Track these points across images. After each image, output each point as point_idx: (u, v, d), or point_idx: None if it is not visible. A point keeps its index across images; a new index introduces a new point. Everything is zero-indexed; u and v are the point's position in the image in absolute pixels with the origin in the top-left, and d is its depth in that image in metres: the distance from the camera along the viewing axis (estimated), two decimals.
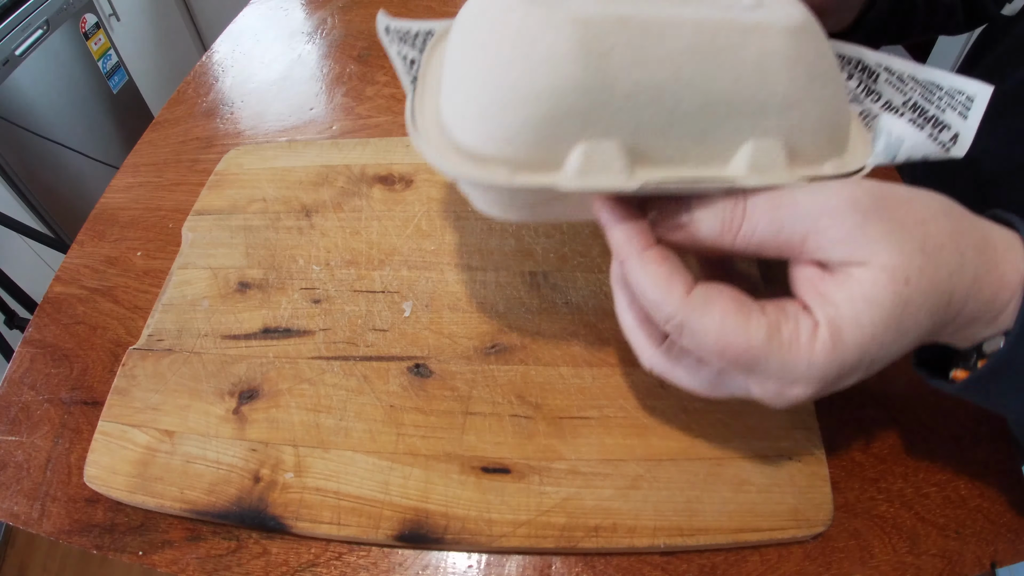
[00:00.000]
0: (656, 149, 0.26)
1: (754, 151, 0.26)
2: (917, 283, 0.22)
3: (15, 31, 1.21)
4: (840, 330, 0.22)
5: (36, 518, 0.32)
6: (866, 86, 0.33)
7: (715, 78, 0.25)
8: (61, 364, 0.38)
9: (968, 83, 0.30)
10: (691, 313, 0.23)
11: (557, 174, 0.25)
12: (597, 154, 0.25)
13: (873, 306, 0.22)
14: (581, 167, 0.25)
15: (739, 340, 0.22)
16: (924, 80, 0.31)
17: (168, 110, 0.57)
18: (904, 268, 0.22)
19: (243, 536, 0.30)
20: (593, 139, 0.25)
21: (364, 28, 0.66)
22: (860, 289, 0.22)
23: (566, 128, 0.25)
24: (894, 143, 0.26)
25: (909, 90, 0.31)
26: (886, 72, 0.32)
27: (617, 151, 0.25)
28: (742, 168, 0.26)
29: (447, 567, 0.29)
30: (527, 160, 0.26)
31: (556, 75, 0.25)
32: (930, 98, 0.31)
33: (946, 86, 0.30)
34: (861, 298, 0.22)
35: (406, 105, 0.29)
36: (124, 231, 0.46)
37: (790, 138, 0.27)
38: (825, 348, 0.22)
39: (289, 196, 0.44)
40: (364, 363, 0.35)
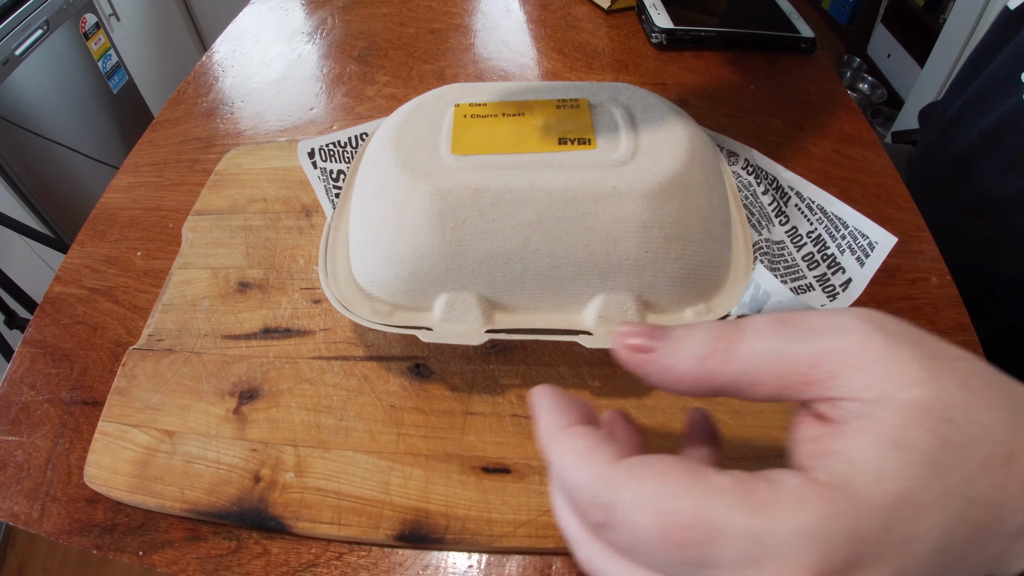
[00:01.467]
0: (511, 300, 0.29)
1: (604, 304, 0.29)
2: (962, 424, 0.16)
3: (15, 31, 1.21)
4: (853, 488, 0.15)
5: (36, 518, 0.32)
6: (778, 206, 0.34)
7: (563, 245, 0.28)
8: (61, 364, 0.38)
9: (873, 229, 0.30)
10: (617, 484, 0.17)
11: (428, 316, 0.30)
12: (457, 303, 0.29)
13: (904, 451, 0.16)
14: (444, 313, 0.29)
15: (686, 507, 0.16)
16: (831, 214, 0.32)
17: (168, 110, 0.57)
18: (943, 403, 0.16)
19: (243, 536, 0.30)
20: (453, 291, 0.29)
21: (364, 28, 0.66)
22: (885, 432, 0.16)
23: (429, 282, 0.29)
24: (761, 296, 0.26)
25: (816, 221, 0.32)
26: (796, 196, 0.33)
27: (475, 301, 0.29)
28: (591, 319, 0.28)
29: (447, 567, 0.29)
30: (404, 304, 0.31)
31: (418, 242, 0.29)
32: (833, 234, 0.31)
33: (851, 225, 0.31)
34: (888, 443, 0.16)
35: (321, 239, 0.34)
36: (124, 231, 0.46)
37: (644, 292, 0.29)
38: (824, 507, 0.15)
39: (289, 196, 0.44)
40: (364, 363, 0.35)
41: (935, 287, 0.40)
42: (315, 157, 0.36)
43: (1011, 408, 0.16)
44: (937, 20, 1.69)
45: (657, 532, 0.16)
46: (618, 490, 0.17)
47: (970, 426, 0.16)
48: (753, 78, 0.57)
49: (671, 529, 0.16)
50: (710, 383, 0.19)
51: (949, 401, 0.16)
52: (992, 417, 0.16)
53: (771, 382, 0.18)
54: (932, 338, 0.18)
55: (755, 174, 0.34)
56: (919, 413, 0.16)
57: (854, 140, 0.51)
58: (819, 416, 0.17)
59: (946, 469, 0.16)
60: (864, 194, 0.46)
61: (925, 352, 0.17)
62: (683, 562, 0.16)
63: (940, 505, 0.15)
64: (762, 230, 0.32)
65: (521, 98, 0.32)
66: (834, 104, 0.55)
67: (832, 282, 0.30)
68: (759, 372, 0.18)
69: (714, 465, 0.18)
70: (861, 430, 0.16)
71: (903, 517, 0.15)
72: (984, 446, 0.16)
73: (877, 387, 0.16)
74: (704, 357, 0.18)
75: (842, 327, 0.17)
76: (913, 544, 0.15)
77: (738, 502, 0.15)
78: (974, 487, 0.16)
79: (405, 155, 0.30)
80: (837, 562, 0.15)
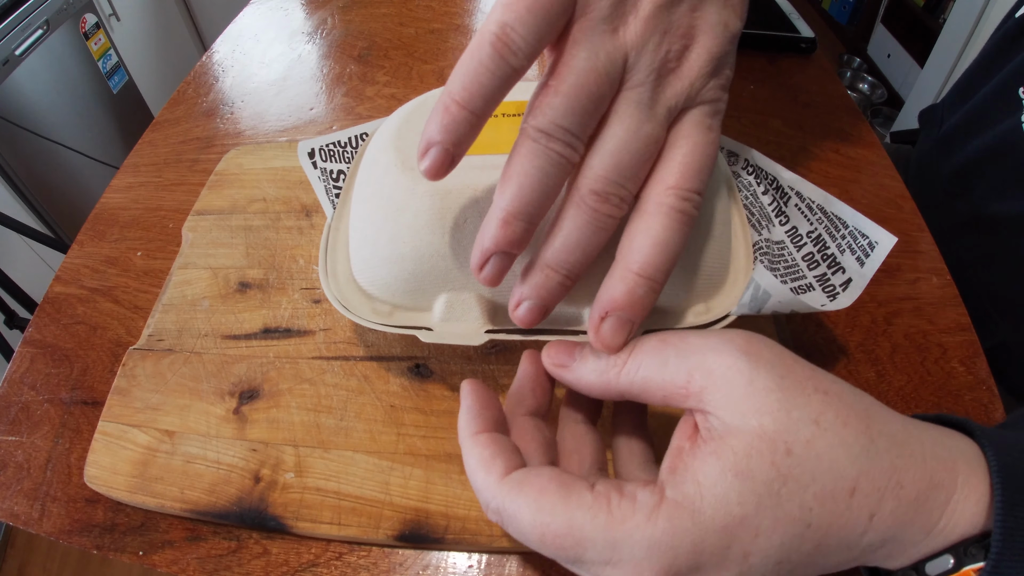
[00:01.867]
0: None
1: None
2: (802, 457, 0.18)
3: (15, 31, 1.21)
4: (696, 509, 0.18)
5: (36, 518, 0.32)
6: (778, 206, 0.33)
7: None
8: (61, 364, 0.38)
9: (873, 229, 0.30)
10: (505, 496, 0.20)
11: (428, 316, 0.29)
12: (457, 303, 0.29)
13: (744, 480, 0.18)
14: (444, 313, 0.29)
15: (557, 520, 0.19)
16: (831, 214, 0.32)
17: (168, 110, 0.57)
18: (787, 437, 0.18)
19: (243, 536, 0.30)
20: (454, 291, 0.29)
21: (364, 28, 0.66)
22: (730, 461, 0.18)
23: (429, 283, 0.29)
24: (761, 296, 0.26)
25: (816, 221, 0.32)
26: (796, 197, 0.33)
27: (475, 301, 0.29)
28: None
29: (448, 567, 0.29)
30: (404, 304, 0.30)
31: (418, 241, 0.28)
32: (833, 234, 0.31)
33: (851, 225, 0.31)
34: (732, 470, 0.18)
35: (321, 239, 0.33)
36: (124, 231, 0.46)
37: None
38: (668, 525, 0.18)
39: (289, 196, 0.44)
40: (364, 363, 0.35)
41: (936, 287, 0.40)
42: (315, 157, 0.36)
43: (863, 444, 0.18)
44: (937, 20, 1.69)
45: (536, 537, 0.19)
46: (505, 501, 0.20)
47: (811, 459, 0.18)
48: (753, 78, 0.57)
49: (547, 536, 0.19)
50: (613, 390, 0.22)
51: (794, 435, 0.18)
52: (837, 453, 0.18)
53: (657, 391, 0.21)
54: (806, 372, 0.20)
55: (755, 174, 0.34)
56: (763, 445, 0.18)
57: (854, 140, 0.51)
58: (695, 425, 0.20)
59: (782, 498, 0.18)
60: (864, 194, 0.46)
61: (784, 383, 0.19)
62: (560, 559, 0.20)
63: (776, 528, 0.18)
64: (762, 230, 0.32)
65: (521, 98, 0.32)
66: (834, 104, 0.55)
67: (832, 282, 0.30)
68: (646, 383, 0.21)
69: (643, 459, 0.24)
70: (711, 454, 0.19)
71: (740, 537, 0.18)
72: (824, 479, 0.18)
73: (733, 410, 0.19)
74: (602, 372, 0.22)
75: (713, 348, 0.20)
76: (751, 558, 0.18)
77: (599, 517, 0.19)
78: (812, 515, 0.18)
79: (405, 155, 0.30)
80: (680, 568, 0.18)
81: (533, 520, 0.19)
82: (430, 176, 0.21)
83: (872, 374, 0.35)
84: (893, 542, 0.19)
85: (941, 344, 0.37)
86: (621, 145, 0.21)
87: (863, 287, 0.29)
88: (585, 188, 0.21)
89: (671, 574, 0.18)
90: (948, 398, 0.34)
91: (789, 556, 0.18)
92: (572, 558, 0.19)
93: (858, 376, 0.35)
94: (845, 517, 0.18)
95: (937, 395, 0.34)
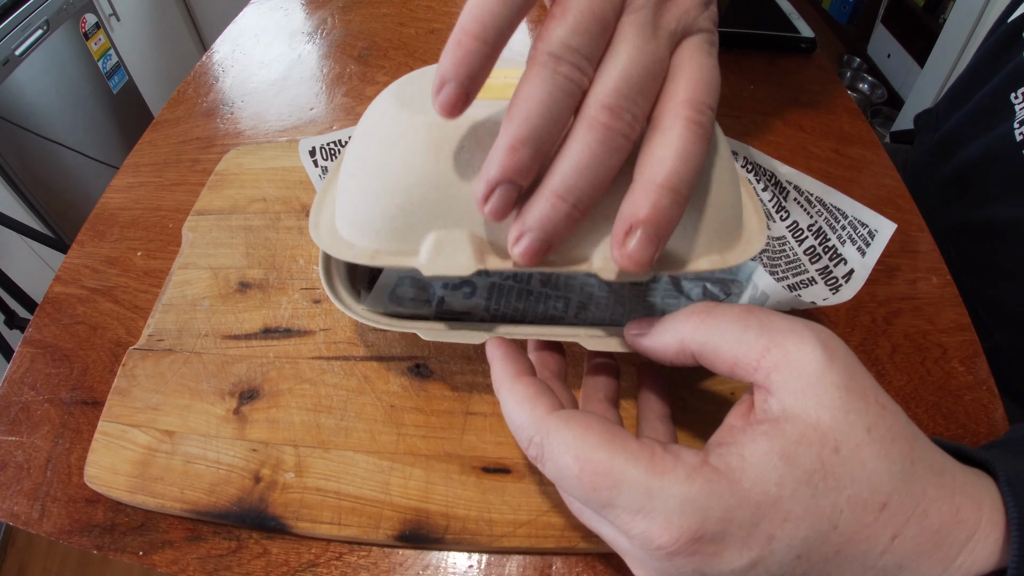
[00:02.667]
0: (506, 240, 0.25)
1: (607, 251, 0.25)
2: (848, 459, 0.18)
3: (15, 31, 1.21)
4: (735, 480, 0.18)
5: (36, 518, 0.32)
6: (778, 201, 0.33)
7: None
8: (61, 364, 0.38)
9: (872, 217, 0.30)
10: (550, 429, 0.20)
11: (414, 259, 0.27)
12: (447, 242, 0.26)
13: (788, 464, 0.18)
14: (432, 253, 0.26)
15: (600, 457, 0.19)
16: (830, 205, 0.32)
17: (168, 110, 0.57)
18: (839, 436, 0.19)
19: (243, 536, 0.30)
20: (444, 228, 0.26)
21: (364, 28, 0.66)
22: (782, 443, 0.19)
23: (418, 218, 0.26)
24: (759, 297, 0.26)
25: (815, 213, 0.32)
26: (795, 190, 0.33)
27: (467, 240, 0.26)
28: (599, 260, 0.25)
29: (448, 567, 0.29)
30: (387, 247, 0.27)
31: (410, 171, 0.26)
32: (833, 225, 0.31)
33: (851, 215, 0.31)
34: (779, 453, 0.18)
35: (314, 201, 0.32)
36: (124, 231, 0.46)
37: None
38: (706, 487, 0.18)
39: (289, 196, 0.44)
40: (364, 363, 0.35)
41: (936, 287, 0.40)
42: (316, 155, 0.36)
43: (903, 465, 0.19)
44: (937, 20, 1.69)
45: (574, 472, 0.19)
46: (549, 434, 0.20)
47: (855, 463, 0.18)
48: (753, 78, 0.57)
49: (585, 472, 0.19)
50: (687, 350, 0.22)
51: (846, 436, 0.18)
52: (879, 465, 0.18)
53: (728, 356, 0.21)
54: (870, 382, 0.20)
55: (754, 171, 0.34)
56: (815, 436, 0.18)
57: (854, 140, 0.51)
58: (751, 405, 0.21)
59: (818, 492, 0.18)
60: (864, 194, 0.46)
61: (851, 385, 0.19)
62: (591, 500, 0.20)
63: (805, 519, 0.18)
64: None
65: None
66: (834, 104, 0.55)
67: (835, 274, 0.30)
68: (720, 346, 0.21)
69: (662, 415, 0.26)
70: (763, 434, 0.19)
71: (770, 517, 0.18)
72: (861, 486, 0.18)
73: (796, 396, 0.19)
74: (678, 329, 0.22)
75: (796, 332, 0.20)
76: (775, 542, 0.18)
77: (641, 463, 0.19)
78: (840, 517, 0.18)
79: (405, 98, 0.28)
80: (707, 532, 0.18)
81: (576, 454, 0.19)
82: (445, 113, 0.21)
83: (872, 374, 0.35)
84: (907, 572, 0.19)
85: (941, 344, 0.37)
86: (630, 63, 0.20)
87: (865, 277, 0.29)
88: (596, 105, 0.20)
89: (696, 536, 0.18)
90: (948, 398, 0.34)
91: (809, 554, 0.18)
92: (604, 500, 0.19)
93: None
94: (870, 530, 0.18)
95: (937, 395, 0.34)
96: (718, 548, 0.18)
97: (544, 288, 0.31)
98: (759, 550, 0.18)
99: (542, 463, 0.21)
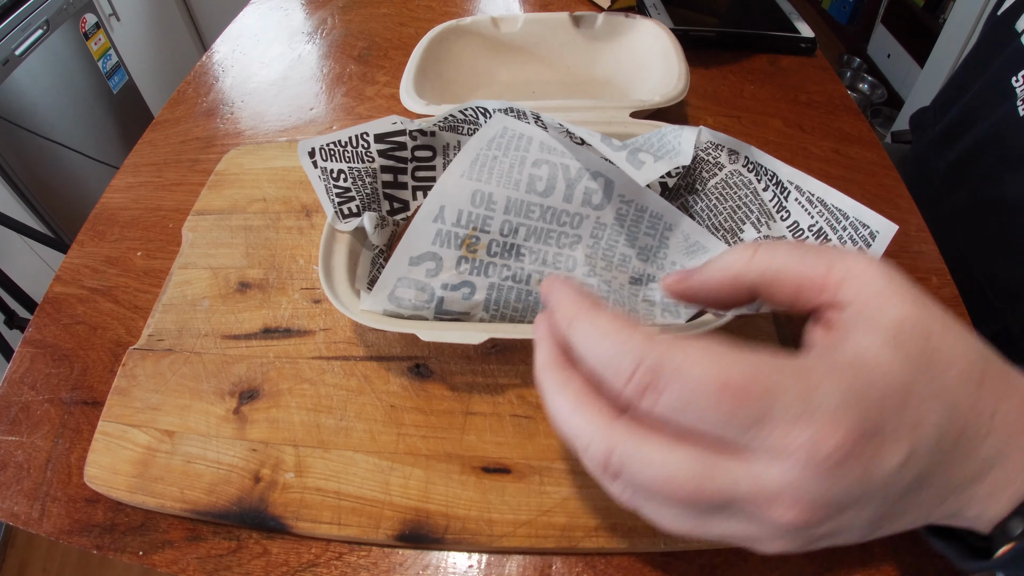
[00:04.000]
0: None
1: None
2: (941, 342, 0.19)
3: (15, 31, 1.21)
4: (871, 370, 0.18)
5: (36, 518, 0.32)
6: (779, 201, 0.33)
7: None
8: (61, 364, 0.38)
9: (873, 218, 0.30)
10: (665, 349, 0.18)
11: None
12: None
13: (901, 350, 0.18)
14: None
15: (740, 367, 0.17)
16: (831, 206, 0.32)
17: (168, 110, 0.57)
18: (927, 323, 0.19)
19: (243, 536, 0.30)
20: None
21: (364, 28, 0.66)
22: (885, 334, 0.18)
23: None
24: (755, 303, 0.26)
25: (816, 214, 0.32)
26: (796, 191, 0.33)
27: None
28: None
29: (448, 567, 0.29)
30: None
31: None
32: (835, 226, 0.31)
33: (852, 216, 0.31)
34: (888, 343, 0.18)
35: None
36: (124, 231, 0.46)
37: None
38: (857, 378, 0.17)
39: (289, 196, 0.44)
40: (364, 363, 0.35)
41: (935, 287, 0.40)
42: (315, 156, 0.36)
43: (980, 347, 0.20)
44: (937, 20, 1.69)
45: (716, 386, 0.17)
46: (666, 354, 0.17)
47: (947, 346, 0.19)
48: (753, 78, 0.57)
49: (729, 387, 0.17)
50: (743, 281, 0.22)
51: (930, 323, 0.19)
52: (965, 346, 0.19)
53: (790, 283, 0.21)
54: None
55: (755, 171, 0.34)
56: (907, 325, 0.19)
57: (854, 140, 0.51)
58: (826, 324, 0.20)
59: (934, 373, 0.18)
60: (864, 194, 0.46)
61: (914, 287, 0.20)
62: (738, 417, 0.17)
63: (934, 401, 0.18)
64: (761, 227, 0.32)
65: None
66: (834, 104, 0.55)
67: None
68: (780, 273, 0.21)
69: None
70: (866, 330, 0.19)
71: (910, 404, 0.18)
72: (960, 364, 0.19)
73: (874, 300, 0.19)
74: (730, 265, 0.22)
75: (850, 253, 0.20)
76: (919, 429, 0.18)
77: (787, 365, 0.17)
78: (955, 394, 0.18)
79: None
80: (869, 426, 0.17)
81: (710, 369, 0.17)
82: None
83: None
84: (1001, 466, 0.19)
85: None
86: None
87: None
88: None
89: (862, 431, 0.17)
90: None
91: (942, 440, 0.18)
92: (756, 414, 0.17)
93: None
94: (977, 406, 0.19)
95: None
96: (880, 443, 0.17)
97: None
98: (910, 440, 0.17)
99: (658, 392, 0.17)
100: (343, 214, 0.36)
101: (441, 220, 0.32)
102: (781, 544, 0.19)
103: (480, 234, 0.32)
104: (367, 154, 0.37)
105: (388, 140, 0.38)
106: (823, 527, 0.18)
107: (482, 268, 0.32)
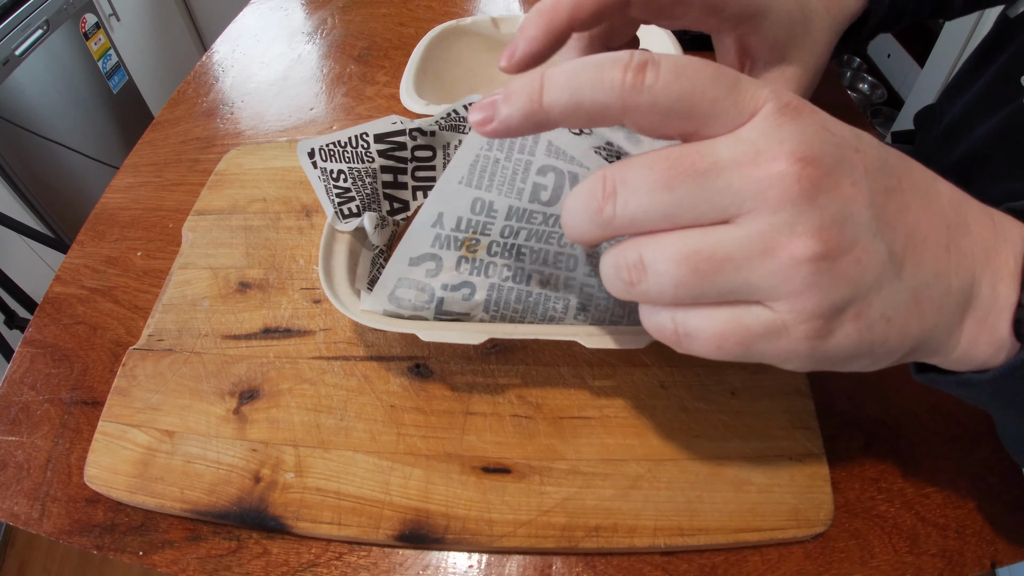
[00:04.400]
0: None
1: None
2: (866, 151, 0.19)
3: (15, 31, 1.21)
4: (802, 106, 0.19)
5: (36, 518, 0.32)
6: None
7: None
8: (61, 364, 0.38)
9: None
10: (651, 55, 0.18)
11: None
12: None
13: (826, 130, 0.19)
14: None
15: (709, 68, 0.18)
16: None
17: (168, 110, 0.57)
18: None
19: (243, 536, 0.30)
20: None
21: (364, 28, 0.66)
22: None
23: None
24: None
25: None
26: None
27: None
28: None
29: (448, 567, 0.29)
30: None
31: None
32: None
33: None
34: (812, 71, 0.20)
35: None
36: (124, 231, 0.46)
37: None
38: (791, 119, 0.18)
39: (289, 196, 0.44)
40: (364, 363, 0.35)
41: None
42: (315, 157, 0.36)
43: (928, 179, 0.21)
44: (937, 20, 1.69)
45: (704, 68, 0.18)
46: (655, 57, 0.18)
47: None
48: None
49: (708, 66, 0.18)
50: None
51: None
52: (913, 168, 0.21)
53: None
54: None
55: None
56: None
57: None
58: (741, 47, 0.22)
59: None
60: None
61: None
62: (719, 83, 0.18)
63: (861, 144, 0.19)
64: None
65: None
66: (834, 104, 0.55)
67: None
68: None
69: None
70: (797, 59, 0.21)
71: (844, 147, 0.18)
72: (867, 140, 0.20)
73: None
74: None
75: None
76: (865, 155, 0.19)
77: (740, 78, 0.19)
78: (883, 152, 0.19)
79: None
80: (816, 154, 0.17)
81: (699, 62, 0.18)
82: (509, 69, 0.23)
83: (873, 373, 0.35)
84: (976, 294, 0.19)
85: None
86: None
87: None
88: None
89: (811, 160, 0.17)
90: (948, 398, 0.34)
91: (885, 210, 0.18)
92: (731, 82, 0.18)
93: (859, 374, 0.35)
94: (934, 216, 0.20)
95: (937, 395, 0.34)
96: (838, 172, 0.18)
97: (543, 289, 0.31)
98: (862, 164, 0.18)
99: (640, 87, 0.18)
100: (343, 214, 0.36)
101: (440, 225, 0.32)
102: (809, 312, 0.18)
103: (480, 236, 0.32)
104: (367, 154, 0.38)
105: (388, 140, 0.38)
106: (842, 260, 0.18)
107: (482, 268, 0.32)
